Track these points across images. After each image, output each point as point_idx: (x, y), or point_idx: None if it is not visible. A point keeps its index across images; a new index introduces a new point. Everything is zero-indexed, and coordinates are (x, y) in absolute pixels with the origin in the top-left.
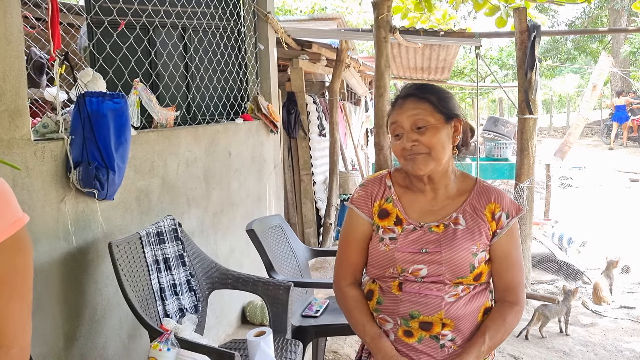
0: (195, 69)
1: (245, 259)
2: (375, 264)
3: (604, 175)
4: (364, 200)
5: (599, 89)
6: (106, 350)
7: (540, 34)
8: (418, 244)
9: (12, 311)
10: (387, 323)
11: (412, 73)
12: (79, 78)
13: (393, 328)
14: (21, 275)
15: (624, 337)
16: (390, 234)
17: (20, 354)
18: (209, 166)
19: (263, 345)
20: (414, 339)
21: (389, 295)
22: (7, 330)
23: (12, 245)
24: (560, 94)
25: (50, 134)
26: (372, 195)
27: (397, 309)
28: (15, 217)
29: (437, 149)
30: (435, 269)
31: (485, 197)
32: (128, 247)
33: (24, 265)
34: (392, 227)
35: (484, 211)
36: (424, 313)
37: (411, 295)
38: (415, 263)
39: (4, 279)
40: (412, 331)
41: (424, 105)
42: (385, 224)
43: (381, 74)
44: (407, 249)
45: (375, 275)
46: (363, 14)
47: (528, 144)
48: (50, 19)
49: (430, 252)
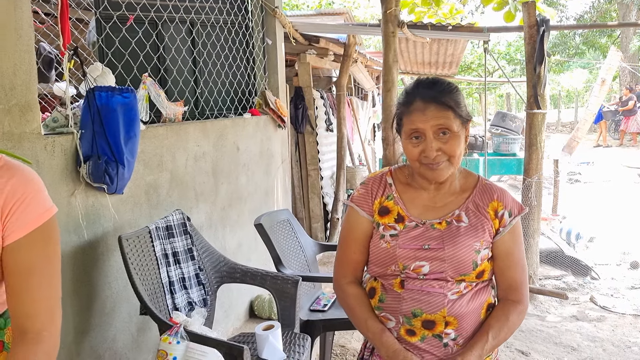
0: (204, 64)
1: (253, 254)
2: (376, 261)
3: (612, 170)
4: (364, 198)
5: (608, 84)
6: (116, 343)
7: (549, 28)
8: (420, 240)
9: (42, 297)
10: (389, 321)
11: (419, 68)
12: (88, 72)
13: (395, 327)
14: (51, 262)
15: (633, 333)
16: (391, 230)
17: (50, 339)
18: (217, 161)
19: (272, 339)
20: (416, 338)
21: (391, 293)
22: (37, 315)
23: (44, 233)
24: (569, 89)
25: (60, 128)
26: (373, 193)
27: (399, 307)
28: (46, 207)
29: (457, 156)
30: (437, 265)
31: (488, 195)
32: (137, 240)
33: (54, 253)
34: (392, 224)
35: (487, 209)
36: (426, 311)
37: (413, 292)
38: (417, 260)
39: (35, 265)
40: (415, 330)
41: (447, 113)
42: (386, 221)
43: (389, 68)
44: (408, 245)
45: (377, 273)
46: (370, 9)
47: (536, 139)
48: (60, 13)
49: (433, 249)
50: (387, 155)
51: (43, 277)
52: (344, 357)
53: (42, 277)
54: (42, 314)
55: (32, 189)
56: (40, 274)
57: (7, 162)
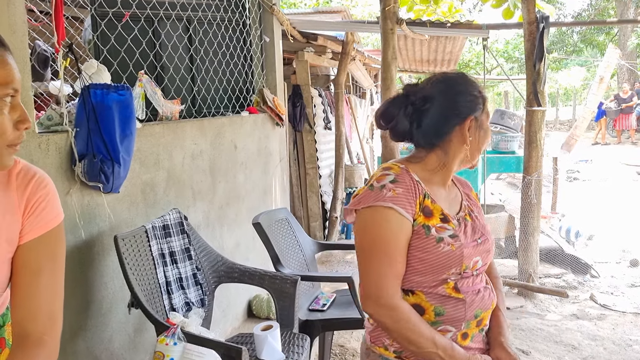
0: (201, 62)
1: (251, 253)
2: (429, 269)
3: (611, 168)
4: (405, 197)
5: (606, 81)
6: (112, 344)
7: (549, 24)
8: (475, 235)
9: (46, 300)
10: (448, 333)
11: (418, 66)
12: (84, 70)
13: (452, 336)
14: (58, 266)
15: (634, 331)
16: (445, 232)
17: (50, 343)
18: (214, 159)
19: (270, 339)
20: (468, 340)
21: (450, 302)
22: (40, 318)
23: (55, 236)
24: (567, 87)
25: (54, 127)
26: (412, 192)
27: (464, 313)
28: (59, 211)
29: None
30: (485, 257)
31: (465, 184)
32: (134, 240)
33: (61, 257)
34: (442, 225)
35: (472, 196)
36: (484, 309)
37: (470, 294)
38: (474, 256)
39: (43, 267)
40: (469, 332)
41: None
42: (434, 222)
43: (388, 66)
44: (471, 243)
45: (421, 283)
46: (368, 7)
47: (536, 137)
48: (54, 10)
49: (483, 242)
50: (385, 153)
51: (49, 281)
52: (343, 356)
53: (48, 280)
54: (45, 318)
55: (49, 191)
56: (47, 277)
57: (24, 164)
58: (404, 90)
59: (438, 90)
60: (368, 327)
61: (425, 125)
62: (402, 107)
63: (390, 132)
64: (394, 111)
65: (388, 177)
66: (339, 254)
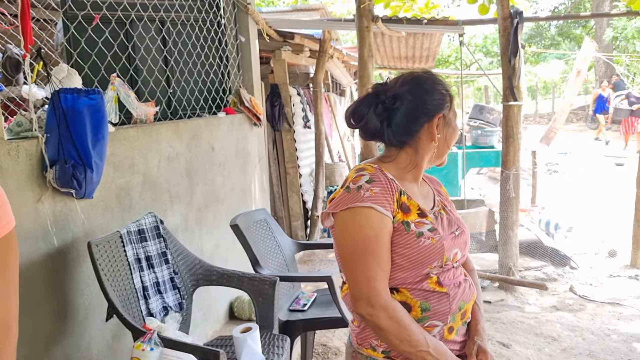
0: (175, 63)
1: (231, 255)
2: (411, 265)
3: (590, 160)
4: (383, 195)
5: (583, 74)
6: (90, 351)
7: (523, 20)
8: (451, 227)
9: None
10: (435, 328)
11: (396, 62)
12: (53, 74)
13: (440, 330)
14: (11, 272)
15: (612, 321)
16: (424, 226)
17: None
18: (191, 161)
19: (250, 342)
20: (454, 334)
21: (434, 297)
22: None
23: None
24: (545, 80)
25: (24, 133)
26: (389, 190)
27: (449, 307)
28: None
29: None
30: (463, 249)
31: (434, 180)
32: (108, 246)
33: (13, 266)
34: (421, 220)
35: (442, 191)
36: (466, 301)
37: (452, 287)
38: (453, 248)
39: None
40: (454, 326)
41: None
42: (412, 218)
43: (364, 63)
44: (449, 235)
45: (405, 280)
46: (347, 4)
47: (513, 131)
48: (21, 13)
49: (460, 234)
50: (365, 151)
51: (2, 290)
52: (325, 355)
53: (2, 290)
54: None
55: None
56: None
57: None
58: (373, 89)
59: (407, 89)
60: (354, 329)
61: (396, 123)
62: (372, 106)
63: (361, 130)
64: (364, 110)
65: (364, 178)
66: (321, 253)
